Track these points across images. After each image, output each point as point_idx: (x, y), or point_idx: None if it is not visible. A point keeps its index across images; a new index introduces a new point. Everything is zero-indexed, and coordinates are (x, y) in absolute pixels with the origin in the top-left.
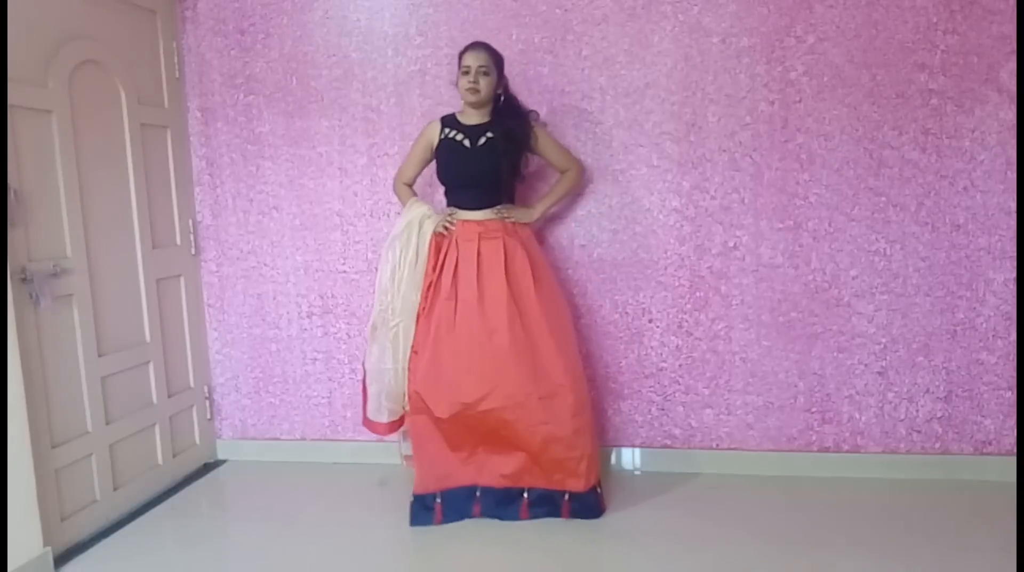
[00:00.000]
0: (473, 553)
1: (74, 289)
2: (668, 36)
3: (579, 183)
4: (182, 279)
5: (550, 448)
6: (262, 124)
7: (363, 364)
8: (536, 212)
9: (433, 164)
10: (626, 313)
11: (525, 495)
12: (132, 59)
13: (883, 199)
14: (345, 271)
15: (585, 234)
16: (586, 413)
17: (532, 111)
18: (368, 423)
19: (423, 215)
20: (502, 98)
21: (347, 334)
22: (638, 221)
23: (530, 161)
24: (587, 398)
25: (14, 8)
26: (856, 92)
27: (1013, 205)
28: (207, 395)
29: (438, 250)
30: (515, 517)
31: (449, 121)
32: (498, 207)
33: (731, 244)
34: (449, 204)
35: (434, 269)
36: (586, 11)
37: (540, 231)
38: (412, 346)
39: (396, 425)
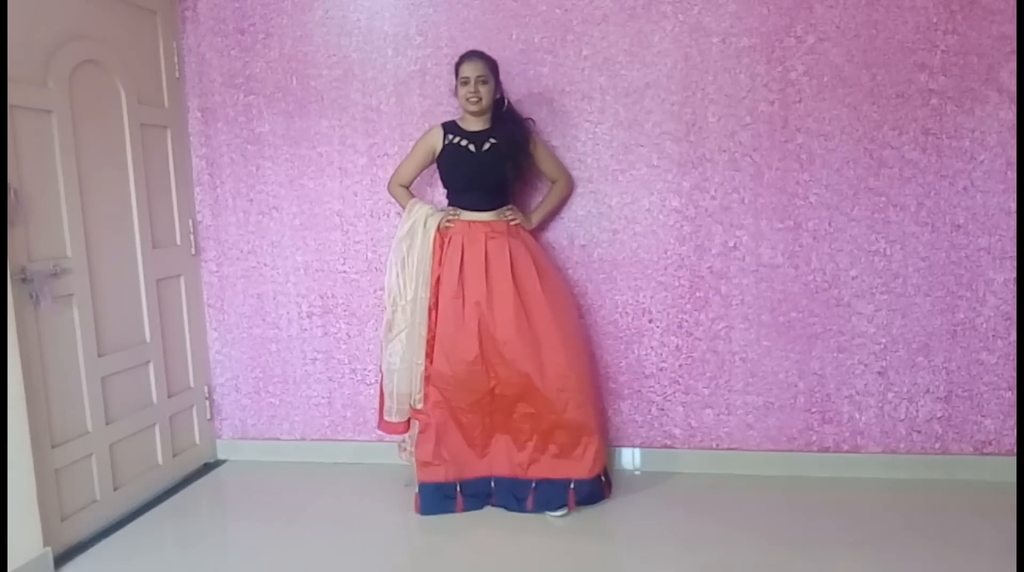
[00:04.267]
0: (472, 551)
1: (74, 289)
2: (668, 36)
3: (568, 194)
4: (182, 279)
5: (556, 434)
6: (262, 124)
7: (380, 367)
8: (532, 221)
9: (430, 168)
10: (626, 313)
11: (533, 484)
12: (132, 59)
13: (883, 199)
14: (345, 271)
15: (585, 234)
16: (589, 406)
17: (529, 118)
18: (385, 425)
19: (427, 214)
20: (505, 103)
21: (347, 334)
22: (638, 221)
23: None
24: (591, 391)
25: (14, 8)
26: (856, 92)
27: (1013, 205)
28: (207, 395)
29: (441, 245)
30: (524, 509)
31: (451, 127)
32: (502, 209)
33: (731, 244)
34: (451, 205)
35: (439, 263)
36: (586, 11)
37: (535, 232)
38: (427, 340)
39: (408, 424)
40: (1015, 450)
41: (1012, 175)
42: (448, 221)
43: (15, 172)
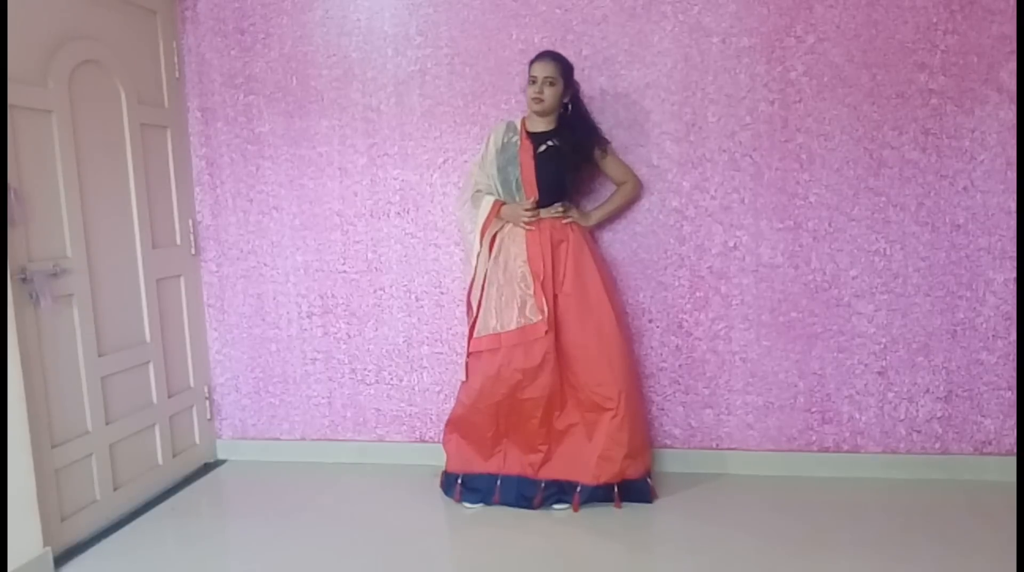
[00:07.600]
0: (474, 550)
1: (74, 289)
2: (668, 36)
3: (634, 197)
4: (182, 279)
5: (572, 431)
6: (262, 124)
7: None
8: (591, 219)
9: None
10: (626, 313)
11: (542, 485)
12: (132, 59)
13: (883, 199)
14: (345, 271)
15: None
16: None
17: (603, 138)
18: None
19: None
20: (569, 107)
21: (347, 334)
22: (638, 221)
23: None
24: (626, 400)
25: (14, 8)
26: (856, 92)
27: (1013, 205)
28: (207, 395)
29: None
30: (529, 506)
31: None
32: (557, 205)
33: (731, 244)
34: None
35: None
36: (586, 11)
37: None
38: (468, 346)
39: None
40: (1015, 450)
41: (1012, 175)
42: (526, 223)
43: (15, 172)
